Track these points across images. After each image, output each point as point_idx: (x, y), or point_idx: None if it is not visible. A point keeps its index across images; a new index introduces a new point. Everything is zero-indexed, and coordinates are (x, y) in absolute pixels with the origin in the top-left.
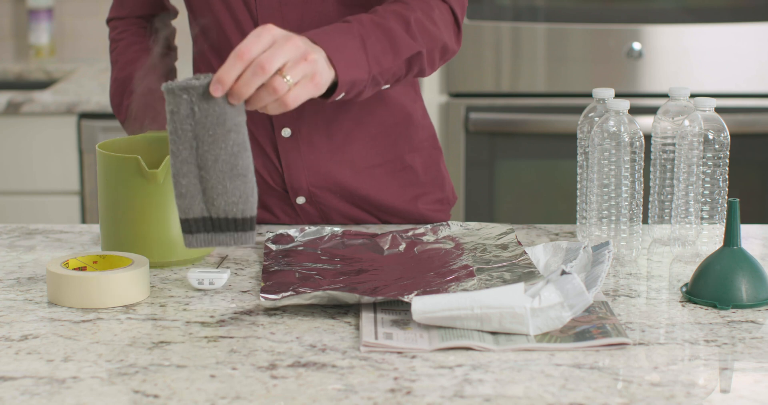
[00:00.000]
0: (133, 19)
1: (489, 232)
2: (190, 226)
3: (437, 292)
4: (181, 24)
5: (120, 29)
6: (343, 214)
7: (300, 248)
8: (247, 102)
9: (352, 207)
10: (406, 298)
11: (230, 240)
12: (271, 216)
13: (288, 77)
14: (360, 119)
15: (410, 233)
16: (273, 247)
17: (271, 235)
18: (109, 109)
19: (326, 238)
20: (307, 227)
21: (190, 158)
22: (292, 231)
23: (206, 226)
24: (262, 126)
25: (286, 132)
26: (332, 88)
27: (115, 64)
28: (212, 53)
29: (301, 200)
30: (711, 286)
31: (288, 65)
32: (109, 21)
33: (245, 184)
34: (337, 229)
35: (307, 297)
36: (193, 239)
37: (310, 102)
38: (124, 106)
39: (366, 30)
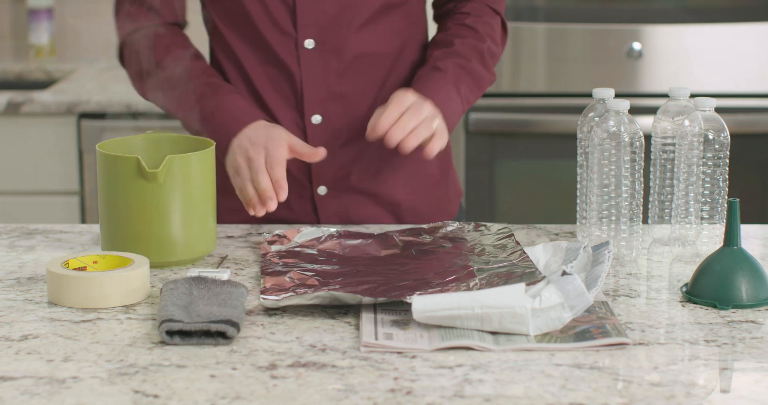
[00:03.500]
0: (158, 26)
1: (486, 231)
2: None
3: (438, 292)
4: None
5: (151, 36)
6: (360, 211)
7: (297, 249)
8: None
9: (372, 203)
10: (407, 299)
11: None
12: (288, 212)
13: (433, 123)
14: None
15: (407, 233)
16: (270, 248)
17: (268, 235)
18: (109, 108)
19: (323, 238)
20: (304, 228)
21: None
22: (289, 232)
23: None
24: (291, 114)
25: (316, 118)
26: None
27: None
28: (241, 44)
29: (322, 191)
30: (711, 286)
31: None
32: (130, 34)
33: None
34: (334, 229)
35: (309, 297)
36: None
37: (339, 87)
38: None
39: (458, 77)
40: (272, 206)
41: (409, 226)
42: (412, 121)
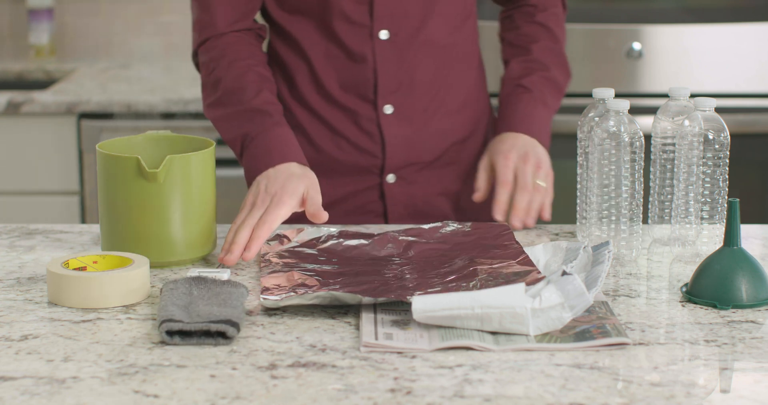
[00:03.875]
0: (228, 36)
1: (487, 231)
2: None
3: (439, 292)
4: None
5: (218, 47)
6: (425, 199)
7: (297, 249)
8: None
9: (437, 193)
10: (407, 299)
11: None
12: (355, 197)
13: (540, 182)
14: (460, 96)
15: (408, 233)
16: (270, 248)
17: None
18: (109, 108)
19: (323, 238)
20: (304, 227)
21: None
22: (289, 232)
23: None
24: (362, 105)
25: (388, 109)
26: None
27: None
28: (307, 37)
29: (391, 179)
30: (711, 286)
31: (533, 176)
32: (203, 43)
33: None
34: (334, 229)
35: (310, 297)
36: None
37: (409, 77)
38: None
39: (543, 92)
40: (229, 260)
41: (409, 226)
42: (524, 198)
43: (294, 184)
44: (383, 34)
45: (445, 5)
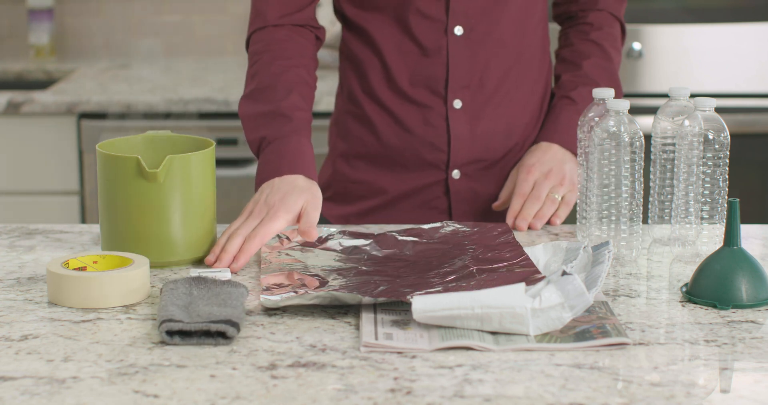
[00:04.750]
0: (279, 30)
1: (487, 231)
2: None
3: (439, 292)
4: None
5: (265, 41)
6: (489, 195)
7: (297, 249)
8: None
9: (500, 188)
10: (407, 299)
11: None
12: (419, 193)
13: (556, 195)
14: (526, 98)
15: (408, 233)
16: (270, 248)
17: None
18: (109, 108)
19: (323, 238)
20: None
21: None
22: (290, 232)
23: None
24: (432, 99)
25: (457, 103)
26: None
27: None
28: (380, 31)
29: (456, 174)
30: (711, 286)
31: (552, 190)
32: (254, 32)
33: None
34: (334, 229)
35: (309, 297)
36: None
37: (479, 73)
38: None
39: (587, 104)
40: (217, 267)
41: (410, 226)
42: (534, 206)
43: (293, 199)
44: (458, 30)
45: (519, 6)
